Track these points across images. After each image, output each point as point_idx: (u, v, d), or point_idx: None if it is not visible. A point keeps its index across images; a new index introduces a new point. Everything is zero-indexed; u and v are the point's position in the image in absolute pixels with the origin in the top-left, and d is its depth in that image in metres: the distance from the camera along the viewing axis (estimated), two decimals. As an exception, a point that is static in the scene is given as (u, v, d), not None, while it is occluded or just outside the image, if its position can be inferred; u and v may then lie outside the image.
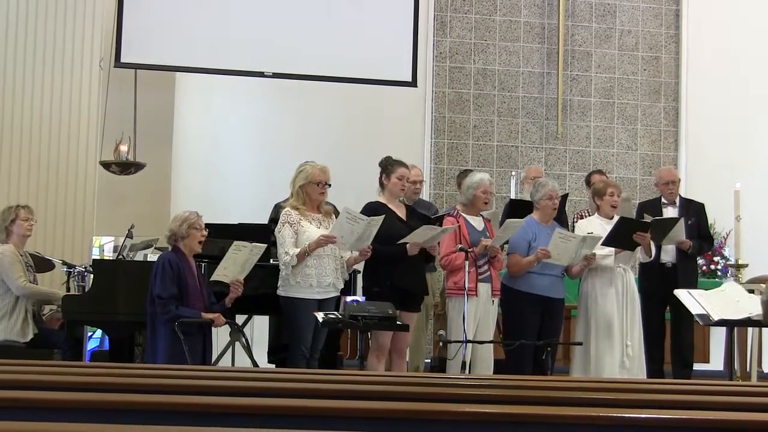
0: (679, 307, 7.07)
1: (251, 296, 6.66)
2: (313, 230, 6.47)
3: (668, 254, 7.77)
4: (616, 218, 7.29)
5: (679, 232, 7.49)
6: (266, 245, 6.64)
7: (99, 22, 9.74)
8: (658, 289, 7.70)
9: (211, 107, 10.58)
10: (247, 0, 9.35)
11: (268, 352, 7.93)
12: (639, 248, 7.22)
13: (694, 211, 7.97)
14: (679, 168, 10.70)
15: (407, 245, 6.60)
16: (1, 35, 9.45)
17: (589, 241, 6.96)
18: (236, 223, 8.00)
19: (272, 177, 8.53)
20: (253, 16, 9.31)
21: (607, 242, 7.07)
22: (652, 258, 7.42)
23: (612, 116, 11.09)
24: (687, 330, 7.80)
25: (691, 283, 7.69)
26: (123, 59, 9.08)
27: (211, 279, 6.48)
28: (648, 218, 7.44)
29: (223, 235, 7.10)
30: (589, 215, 8.16)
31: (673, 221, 7.49)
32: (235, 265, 6.40)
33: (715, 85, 10.89)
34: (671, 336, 7.93)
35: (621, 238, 7.07)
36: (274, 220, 7.96)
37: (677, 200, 8.02)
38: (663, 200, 8.05)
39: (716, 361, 9.38)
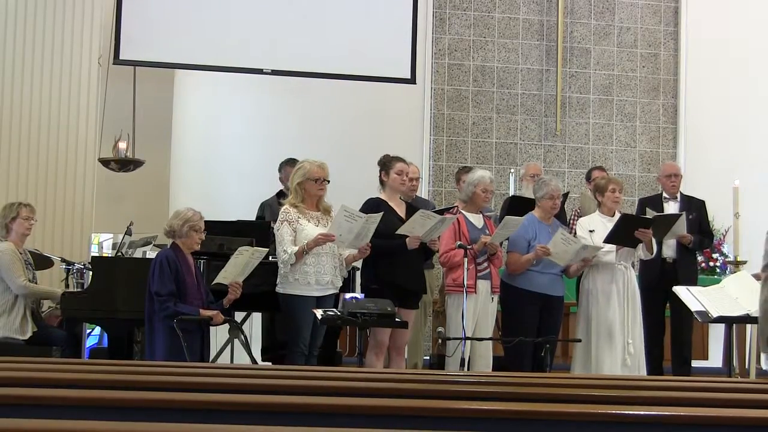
0: (680, 304, 7.08)
1: (250, 293, 6.65)
2: (311, 228, 6.46)
3: (670, 249, 7.78)
4: (617, 215, 7.29)
5: (681, 226, 7.50)
6: (267, 249, 6.64)
7: (98, 18, 9.72)
8: (658, 284, 7.70)
9: (210, 104, 10.58)
10: (246, -3, 9.35)
11: (262, 351, 7.93)
12: (640, 245, 7.22)
13: (694, 207, 8.00)
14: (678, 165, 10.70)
15: (407, 239, 6.59)
16: (-1, 32, 9.44)
17: (590, 249, 6.98)
18: (235, 220, 8.00)
19: (271, 174, 8.53)
20: (252, 13, 9.30)
21: (608, 239, 7.07)
22: (654, 255, 7.42)
23: (611, 113, 11.09)
24: (686, 328, 7.81)
25: (692, 279, 7.70)
26: (122, 56, 9.08)
27: (212, 284, 6.48)
28: (650, 214, 7.44)
29: (221, 232, 7.10)
30: (580, 214, 8.18)
31: (674, 217, 7.50)
32: (236, 267, 6.40)
33: (713, 82, 10.89)
34: (671, 333, 7.94)
35: (622, 235, 7.07)
36: (260, 218, 7.99)
37: (678, 196, 8.04)
38: (664, 195, 8.07)
39: (715, 358, 9.39)
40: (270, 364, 7.61)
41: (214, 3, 9.39)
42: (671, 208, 7.93)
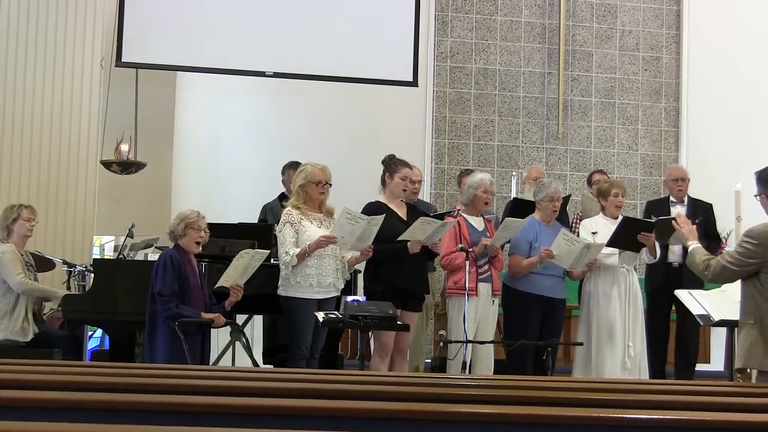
0: (685, 307, 7.07)
1: (252, 296, 6.65)
2: (313, 230, 6.46)
3: (675, 254, 7.77)
4: (620, 218, 7.28)
5: None
6: (268, 251, 6.63)
7: (100, 21, 9.75)
8: (664, 289, 7.69)
9: (211, 106, 10.58)
10: (248, 0, 9.35)
11: (264, 353, 7.94)
12: (644, 249, 7.22)
13: (701, 210, 7.99)
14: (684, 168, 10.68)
15: (408, 243, 6.59)
16: (1, 35, 9.45)
17: (593, 249, 6.96)
18: (237, 222, 8.00)
19: (273, 177, 8.53)
20: (253, 15, 9.31)
21: (611, 243, 7.06)
22: (657, 258, 7.42)
23: (613, 116, 11.08)
24: (693, 330, 7.81)
25: (697, 283, 7.69)
26: (124, 58, 9.09)
27: (214, 287, 6.47)
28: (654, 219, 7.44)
29: (223, 234, 7.10)
30: (582, 216, 8.18)
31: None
32: (237, 270, 6.40)
33: (715, 85, 10.88)
34: (676, 335, 7.93)
35: (625, 238, 7.06)
36: (262, 221, 8.00)
37: (685, 199, 8.03)
38: (671, 199, 8.07)
39: (717, 362, 9.38)
40: (271, 366, 7.61)
41: (216, 6, 9.40)
42: (678, 211, 7.91)
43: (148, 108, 10.70)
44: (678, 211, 7.92)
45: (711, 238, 8.03)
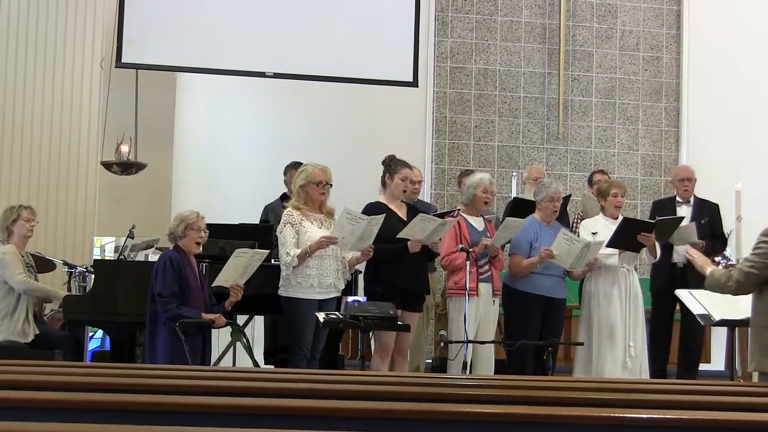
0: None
1: (252, 296, 6.65)
2: (314, 230, 6.46)
3: (680, 255, 7.75)
4: (620, 218, 7.29)
5: (691, 233, 7.46)
6: (268, 251, 6.63)
7: (100, 22, 9.75)
8: (668, 289, 7.68)
9: (212, 107, 10.58)
10: (248, 0, 9.36)
11: (265, 354, 7.93)
12: (644, 249, 7.22)
13: (707, 210, 7.99)
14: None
15: (408, 243, 6.59)
16: (1, 35, 9.45)
17: (593, 248, 6.96)
18: (237, 223, 8.00)
19: (274, 177, 8.53)
20: (253, 16, 9.31)
21: (611, 243, 7.06)
22: (657, 259, 7.41)
23: (613, 116, 11.08)
24: (696, 330, 7.80)
25: (702, 283, 7.68)
26: (124, 59, 9.09)
27: (212, 286, 6.47)
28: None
29: (223, 235, 7.10)
30: (582, 216, 8.18)
31: (676, 221, 7.49)
32: (236, 270, 6.39)
33: (716, 85, 10.88)
34: (681, 335, 7.93)
35: (625, 239, 7.06)
36: (264, 221, 8.00)
37: (691, 199, 8.03)
38: (677, 199, 8.07)
39: (717, 361, 9.37)
40: (272, 367, 7.60)
41: (215, 6, 9.40)
42: (684, 211, 7.91)
43: (148, 109, 10.70)
44: (684, 210, 7.94)
45: (717, 238, 8.02)
